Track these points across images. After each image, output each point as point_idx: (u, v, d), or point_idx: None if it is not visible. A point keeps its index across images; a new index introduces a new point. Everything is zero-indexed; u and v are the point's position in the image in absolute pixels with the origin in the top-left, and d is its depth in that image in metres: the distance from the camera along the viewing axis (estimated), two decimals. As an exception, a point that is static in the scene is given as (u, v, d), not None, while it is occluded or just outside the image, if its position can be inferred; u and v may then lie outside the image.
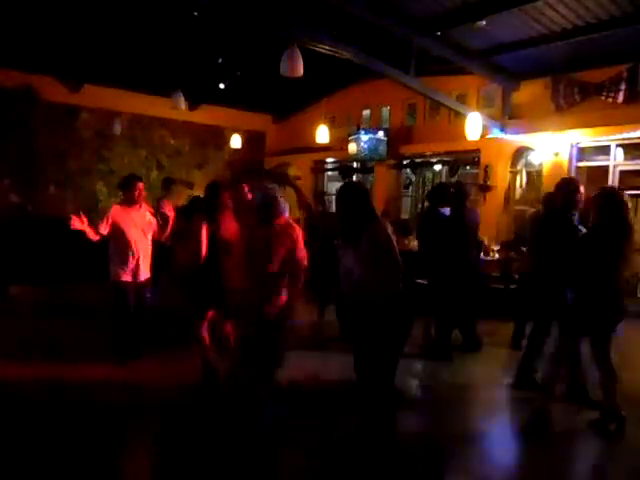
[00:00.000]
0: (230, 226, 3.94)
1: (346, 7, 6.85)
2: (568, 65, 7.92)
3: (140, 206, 4.52)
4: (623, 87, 7.53)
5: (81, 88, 10.88)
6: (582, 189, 4.22)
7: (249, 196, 4.05)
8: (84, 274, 6.53)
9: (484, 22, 6.75)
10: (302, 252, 3.55)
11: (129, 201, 4.46)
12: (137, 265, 4.42)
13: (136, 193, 4.44)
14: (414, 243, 6.72)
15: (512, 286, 6.91)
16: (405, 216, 11.09)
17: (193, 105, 11.91)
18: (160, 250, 4.87)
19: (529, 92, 8.79)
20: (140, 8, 7.59)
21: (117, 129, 11.75)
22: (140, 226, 4.46)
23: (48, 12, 7.89)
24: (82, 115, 11.33)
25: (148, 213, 4.59)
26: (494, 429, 3.74)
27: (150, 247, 4.58)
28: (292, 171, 13.63)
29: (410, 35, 7.44)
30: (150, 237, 4.58)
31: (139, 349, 4.50)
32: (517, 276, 6.64)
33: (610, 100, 7.71)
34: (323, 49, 7.26)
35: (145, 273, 4.51)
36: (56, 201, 10.53)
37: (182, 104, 9.87)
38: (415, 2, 6.90)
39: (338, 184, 14.26)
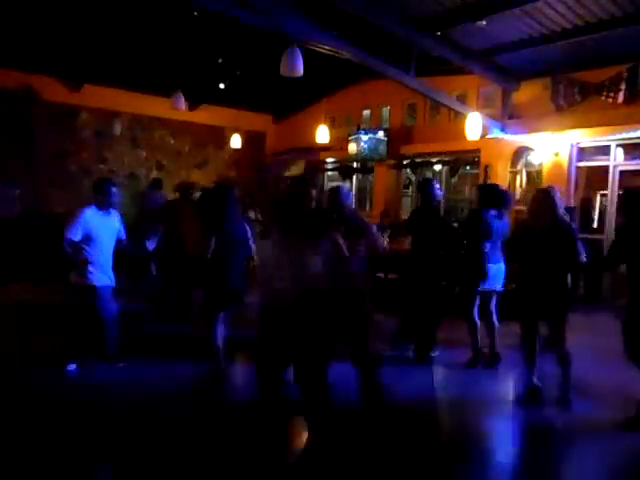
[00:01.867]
0: None
1: (346, 7, 6.85)
2: (568, 65, 7.92)
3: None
4: (623, 87, 7.53)
5: (81, 88, 10.89)
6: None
7: None
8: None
9: (484, 22, 6.75)
10: None
11: (102, 205, 4.31)
12: (106, 270, 4.33)
13: (110, 198, 4.31)
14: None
15: (512, 286, 6.92)
16: (405, 216, 11.07)
17: (193, 105, 11.91)
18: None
19: (529, 92, 8.79)
20: (140, 8, 7.59)
21: (117, 129, 11.77)
22: (110, 231, 4.36)
23: (48, 12, 7.90)
24: (82, 115, 11.34)
25: (116, 219, 4.45)
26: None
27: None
28: (292, 171, 13.65)
29: (410, 35, 7.43)
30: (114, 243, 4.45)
31: (112, 354, 4.37)
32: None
33: (610, 100, 7.71)
34: (323, 49, 7.26)
35: (112, 278, 4.40)
36: (56, 201, 10.54)
37: (182, 104, 9.87)
38: (415, 2, 6.90)
39: (338, 184, 14.21)
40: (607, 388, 4.17)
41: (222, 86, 10.42)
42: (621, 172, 7.95)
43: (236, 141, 11.94)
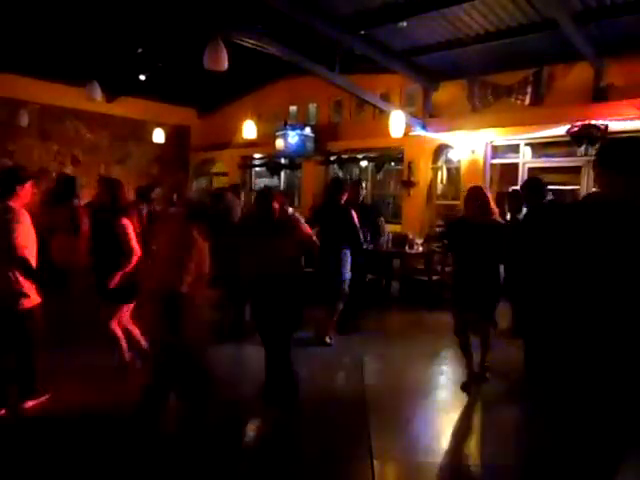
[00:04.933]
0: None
1: (270, 2, 6.78)
2: (482, 68, 8.37)
3: None
4: (529, 90, 8.13)
5: (-20, 75, 9.92)
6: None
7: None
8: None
9: (405, 23, 6.98)
10: None
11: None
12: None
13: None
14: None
15: (435, 277, 7.30)
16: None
17: (111, 96, 11.25)
18: None
19: (448, 92, 9.23)
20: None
21: (24, 120, 10.85)
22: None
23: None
24: (-18, 104, 10.35)
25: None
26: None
27: None
28: (218, 167, 13.36)
29: (334, 33, 7.50)
30: None
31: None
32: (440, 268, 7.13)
33: (519, 102, 8.29)
34: (247, 43, 7.15)
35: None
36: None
37: (98, 95, 9.28)
38: (339, 1, 6.98)
39: (266, 180, 14.13)
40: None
41: (143, 77, 9.94)
42: (529, 169, 8.60)
43: (159, 135, 11.46)
